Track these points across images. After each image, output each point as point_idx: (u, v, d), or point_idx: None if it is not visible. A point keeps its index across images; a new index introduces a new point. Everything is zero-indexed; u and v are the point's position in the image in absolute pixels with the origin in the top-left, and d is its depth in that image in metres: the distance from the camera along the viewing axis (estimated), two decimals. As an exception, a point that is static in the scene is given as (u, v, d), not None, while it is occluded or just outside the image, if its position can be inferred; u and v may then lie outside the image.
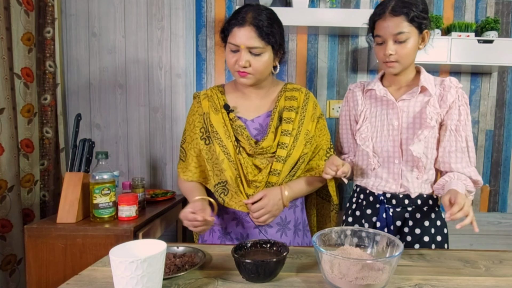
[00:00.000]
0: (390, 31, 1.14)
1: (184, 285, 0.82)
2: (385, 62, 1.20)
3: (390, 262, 0.77)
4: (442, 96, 1.22)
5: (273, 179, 1.21)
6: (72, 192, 1.48)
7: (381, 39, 1.18)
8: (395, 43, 1.16)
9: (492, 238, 2.18)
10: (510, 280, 0.87)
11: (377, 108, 1.30)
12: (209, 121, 1.25)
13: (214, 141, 1.22)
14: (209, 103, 1.29)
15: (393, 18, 1.13)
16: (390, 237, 0.88)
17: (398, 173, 1.25)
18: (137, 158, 2.14)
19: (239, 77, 1.20)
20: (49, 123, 1.95)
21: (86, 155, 1.55)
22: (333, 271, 0.78)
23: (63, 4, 2.05)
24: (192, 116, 1.33)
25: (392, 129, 1.24)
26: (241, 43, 1.14)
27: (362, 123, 1.32)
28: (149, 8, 2.06)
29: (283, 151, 1.21)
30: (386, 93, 1.26)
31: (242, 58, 1.14)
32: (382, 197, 1.27)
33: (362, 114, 1.33)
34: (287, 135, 1.23)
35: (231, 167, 1.20)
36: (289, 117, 1.25)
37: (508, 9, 2.07)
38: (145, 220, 1.54)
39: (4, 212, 1.66)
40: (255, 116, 1.28)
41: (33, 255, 1.42)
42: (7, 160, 1.66)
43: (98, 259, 1.00)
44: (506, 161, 2.15)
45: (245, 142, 1.21)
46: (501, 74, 2.11)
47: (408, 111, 1.23)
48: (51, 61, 1.95)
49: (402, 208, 1.26)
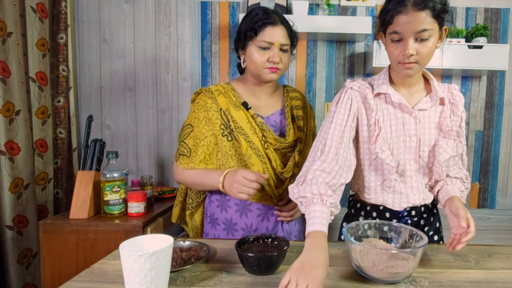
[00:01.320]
0: (412, 27, 0.91)
1: (190, 278, 0.82)
2: (402, 63, 0.97)
3: (416, 252, 0.79)
4: (452, 105, 1.10)
5: (296, 171, 1.23)
6: (84, 189, 1.48)
7: (399, 36, 0.94)
8: (415, 41, 0.94)
9: (481, 233, 2.18)
10: (499, 273, 0.87)
11: (390, 116, 1.06)
12: (230, 117, 1.19)
13: (240, 136, 1.17)
14: (225, 99, 1.22)
15: (416, 12, 0.90)
16: (412, 229, 0.90)
17: (417, 187, 1.08)
18: (145, 157, 2.14)
19: (270, 73, 1.18)
20: (62, 124, 1.95)
21: (97, 154, 1.55)
22: (363, 261, 0.80)
23: (75, 12, 2.05)
24: (203, 112, 1.21)
25: (410, 140, 1.05)
26: (276, 40, 1.15)
27: (379, 132, 1.04)
28: (157, 15, 2.06)
29: (301, 144, 1.27)
30: (402, 100, 1.04)
31: (276, 54, 1.15)
32: (406, 213, 1.11)
33: (377, 121, 1.05)
34: (301, 130, 1.28)
35: (259, 161, 1.18)
36: (299, 114, 1.30)
37: (496, 16, 2.06)
38: (153, 216, 1.54)
39: (21, 209, 1.66)
40: (269, 113, 1.28)
41: (47, 249, 1.42)
42: (23, 159, 1.66)
43: (109, 253, 0.99)
44: (494, 160, 2.14)
45: (271, 137, 1.20)
46: (490, 77, 2.11)
47: (424, 121, 1.06)
48: (64, 66, 1.95)
49: (419, 217, 1.13)
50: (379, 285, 0.79)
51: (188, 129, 1.25)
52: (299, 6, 1.89)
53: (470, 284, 0.80)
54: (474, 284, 0.80)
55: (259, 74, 1.19)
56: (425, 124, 1.06)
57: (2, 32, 1.58)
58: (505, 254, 1.00)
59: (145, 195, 1.54)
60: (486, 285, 0.80)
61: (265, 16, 1.16)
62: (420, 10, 0.91)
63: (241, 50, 1.23)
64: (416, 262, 0.79)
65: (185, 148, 1.24)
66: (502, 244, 1.12)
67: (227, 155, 1.20)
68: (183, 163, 1.21)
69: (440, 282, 0.81)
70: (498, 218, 2.17)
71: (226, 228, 1.26)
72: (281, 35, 1.16)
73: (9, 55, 1.61)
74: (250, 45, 1.18)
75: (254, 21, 1.16)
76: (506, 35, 2.07)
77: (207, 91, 1.23)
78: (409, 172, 1.07)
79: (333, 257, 0.95)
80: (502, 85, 2.11)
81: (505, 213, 2.17)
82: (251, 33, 1.16)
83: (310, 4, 2.01)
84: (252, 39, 1.17)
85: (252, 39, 1.17)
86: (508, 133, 2.13)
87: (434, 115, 1.07)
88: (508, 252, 1.01)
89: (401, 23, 0.93)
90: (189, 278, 0.82)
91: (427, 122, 1.06)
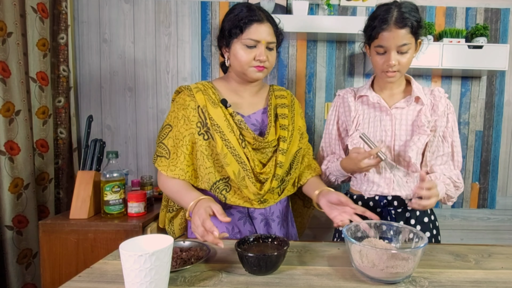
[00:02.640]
0: (395, 42, 1.10)
1: (190, 278, 0.82)
2: (386, 72, 1.16)
3: (416, 252, 0.79)
4: (433, 105, 1.22)
5: (279, 171, 1.18)
6: (84, 189, 1.48)
7: (383, 49, 1.14)
8: (397, 54, 1.13)
9: (481, 233, 2.18)
10: (498, 273, 0.87)
11: (369, 115, 1.26)
12: (207, 114, 1.14)
13: (216, 134, 1.12)
14: (204, 96, 1.17)
15: (398, 30, 1.09)
16: (412, 229, 0.91)
17: (390, 178, 1.23)
18: (145, 157, 2.14)
19: (256, 72, 1.15)
20: (63, 124, 1.96)
21: (97, 154, 1.55)
22: (363, 261, 0.80)
23: (75, 12, 2.05)
24: (182, 111, 1.17)
25: (385, 135, 1.22)
26: (262, 38, 1.12)
27: (355, 129, 1.27)
28: (157, 15, 2.06)
29: (284, 144, 1.20)
30: (380, 100, 1.24)
31: (262, 52, 1.12)
32: (385, 200, 1.24)
33: (355, 120, 1.27)
34: (284, 129, 1.22)
35: (235, 161, 1.12)
36: (283, 113, 1.25)
37: (496, 16, 2.06)
38: (153, 216, 1.54)
39: (21, 209, 1.66)
40: (251, 112, 1.23)
41: (47, 249, 1.42)
42: (23, 159, 1.66)
43: (109, 253, 0.99)
44: (494, 160, 2.14)
45: (249, 136, 1.15)
46: (490, 77, 2.11)
47: (401, 119, 1.21)
48: (64, 66, 1.95)
49: (403, 209, 1.24)
50: (379, 285, 0.79)
51: (167, 129, 1.21)
52: (299, 6, 1.89)
53: (470, 284, 0.80)
54: (474, 284, 0.80)
55: (244, 72, 1.16)
56: (401, 121, 1.21)
57: (2, 32, 1.58)
58: (505, 254, 1.00)
59: (145, 195, 1.54)
60: (486, 285, 0.80)
61: (251, 13, 1.12)
62: (400, 28, 1.09)
63: (225, 48, 1.19)
64: (416, 262, 0.79)
65: (164, 149, 1.19)
66: (502, 244, 1.12)
67: (203, 155, 1.15)
68: (162, 165, 1.17)
69: (440, 282, 0.81)
70: (498, 218, 2.17)
71: None
72: (267, 32, 1.13)
73: (9, 55, 1.61)
74: (235, 43, 1.14)
75: (239, 18, 1.12)
76: (506, 35, 2.07)
77: (186, 89, 1.20)
78: (383, 164, 1.23)
79: (333, 257, 0.95)
80: (502, 85, 2.11)
81: (505, 213, 2.17)
82: (236, 30, 1.12)
83: (310, 4, 2.01)
84: (237, 37, 1.13)
85: (237, 37, 1.12)
86: (508, 133, 2.13)
87: (412, 114, 1.22)
88: (508, 252, 1.01)
89: (385, 38, 1.11)
90: (189, 278, 0.82)
91: (404, 120, 1.21)
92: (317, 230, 2.14)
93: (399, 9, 1.10)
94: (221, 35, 1.18)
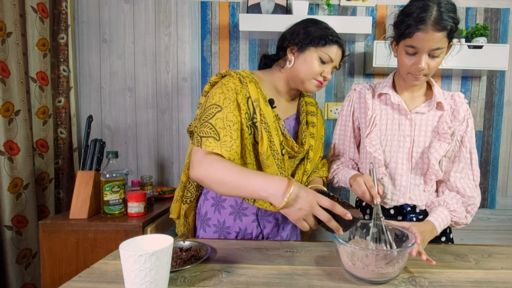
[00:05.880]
0: (429, 45, 0.99)
1: (190, 278, 0.82)
2: (413, 74, 1.07)
3: (404, 252, 0.78)
4: (453, 111, 1.15)
5: (305, 179, 1.18)
6: (84, 189, 1.48)
7: (414, 50, 1.02)
8: (428, 57, 1.03)
9: (481, 233, 2.18)
10: (499, 273, 0.86)
11: (388, 116, 1.17)
12: (259, 109, 1.05)
13: (264, 133, 1.04)
14: (257, 89, 1.08)
15: (435, 33, 0.97)
16: (399, 229, 0.90)
17: (406, 185, 1.14)
18: (145, 157, 2.14)
19: (315, 86, 1.13)
20: (63, 124, 1.96)
21: (97, 154, 1.55)
22: (354, 263, 0.79)
23: (75, 12, 2.05)
24: (234, 94, 1.04)
25: (404, 140, 1.13)
26: (335, 59, 1.13)
27: (372, 129, 1.16)
28: (157, 15, 2.06)
29: (312, 152, 1.20)
30: (401, 102, 1.14)
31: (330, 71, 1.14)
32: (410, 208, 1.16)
33: (372, 118, 1.17)
34: (313, 137, 1.22)
35: (275, 165, 1.07)
36: (312, 121, 1.25)
37: (496, 16, 2.06)
38: (153, 216, 1.54)
39: (20, 209, 1.66)
40: (285, 117, 1.20)
41: (47, 249, 1.42)
42: (22, 159, 1.66)
43: (109, 253, 0.99)
44: (494, 160, 2.14)
45: (289, 144, 1.12)
46: (490, 77, 2.11)
47: (421, 124, 1.13)
48: (64, 66, 1.95)
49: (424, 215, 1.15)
50: (371, 286, 0.79)
51: (214, 109, 1.01)
52: (299, 6, 1.89)
53: (470, 284, 0.80)
54: (474, 284, 0.80)
55: (303, 81, 1.12)
56: (421, 127, 1.13)
57: (2, 32, 1.58)
58: (505, 254, 1.00)
59: (145, 195, 1.54)
60: (486, 285, 0.80)
61: (331, 34, 1.12)
62: (438, 31, 0.97)
63: (294, 48, 1.14)
64: (404, 262, 0.79)
65: (212, 130, 0.98)
66: (502, 244, 1.12)
67: (247, 149, 1.06)
68: (212, 146, 0.96)
69: (440, 282, 0.81)
70: (498, 218, 2.17)
71: (218, 231, 1.18)
72: (339, 56, 1.14)
73: (9, 55, 1.61)
74: (311, 51, 1.11)
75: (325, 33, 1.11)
76: (506, 35, 2.07)
77: (237, 74, 1.08)
78: (400, 171, 1.14)
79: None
80: (502, 85, 2.11)
81: (505, 213, 2.17)
82: (320, 41, 1.10)
83: (310, 4, 2.01)
84: (316, 47, 1.10)
85: (317, 47, 1.10)
86: (508, 133, 2.13)
87: (432, 119, 1.14)
88: (508, 252, 1.01)
89: (419, 39, 0.99)
90: (189, 278, 0.82)
91: (424, 125, 1.13)
92: (317, 230, 2.14)
93: (439, 8, 0.97)
94: (297, 36, 1.14)
